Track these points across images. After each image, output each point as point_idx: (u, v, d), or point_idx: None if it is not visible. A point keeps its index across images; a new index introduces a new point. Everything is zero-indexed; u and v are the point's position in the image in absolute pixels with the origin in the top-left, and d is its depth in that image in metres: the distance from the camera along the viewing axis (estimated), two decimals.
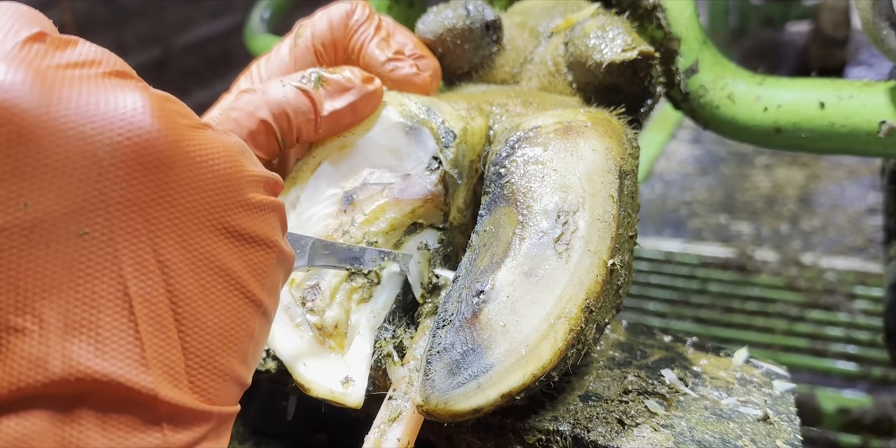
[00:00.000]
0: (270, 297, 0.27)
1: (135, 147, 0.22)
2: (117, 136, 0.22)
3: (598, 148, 0.40)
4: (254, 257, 0.26)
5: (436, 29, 0.48)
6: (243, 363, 0.26)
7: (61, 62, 0.23)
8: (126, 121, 0.22)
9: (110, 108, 0.22)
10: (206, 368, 0.24)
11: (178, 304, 0.24)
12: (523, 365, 0.34)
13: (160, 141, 0.23)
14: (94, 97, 0.22)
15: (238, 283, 0.25)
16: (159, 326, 0.23)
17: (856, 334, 1.14)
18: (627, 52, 0.44)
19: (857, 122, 0.46)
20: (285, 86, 0.38)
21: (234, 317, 0.25)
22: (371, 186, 0.41)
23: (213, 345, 0.24)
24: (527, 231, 0.37)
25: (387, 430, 0.34)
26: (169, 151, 0.23)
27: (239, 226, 0.25)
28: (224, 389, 0.25)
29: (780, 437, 0.37)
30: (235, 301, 0.25)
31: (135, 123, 0.22)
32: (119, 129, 0.22)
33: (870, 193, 1.60)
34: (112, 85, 0.23)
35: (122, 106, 0.22)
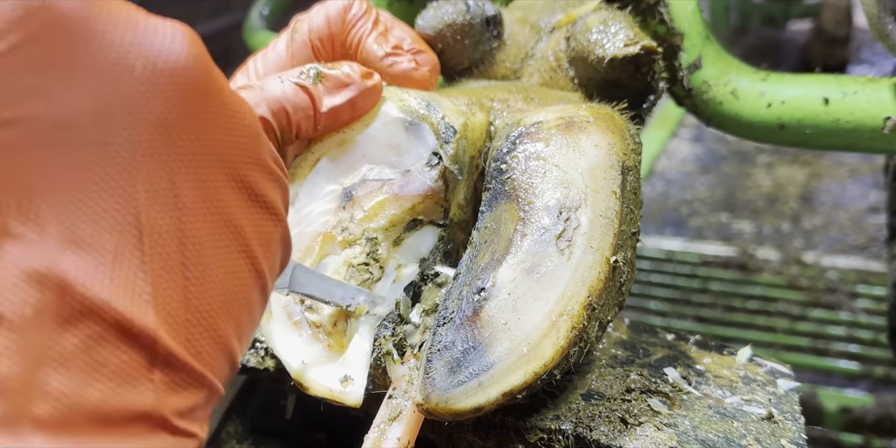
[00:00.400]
0: (271, 274, 0.26)
1: (174, 68, 0.21)
2: (157, 52, 0.21)
3: (601, 143, 0.39)
4: (263, 224, 0.25)
5: (435, 24, 0.47)
6: (238, 337, 0.24)
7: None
8: (168, 43, 0.22)
9: (151, 31, 0.22)
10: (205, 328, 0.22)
11: (187, 247, 0.22)
12: (525, 363, 0.33)
13: (198, 72, 0.22)
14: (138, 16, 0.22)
15: (246, 245, 0.24)
16: (166, 265, 0.22)
17: (858, 333, 1.14)
18: (630, 46, 0.43)
19: (861, 118, 0.46)
20: (283, 82, 0.37)
21: (237, 279, 0.24)
22: (370, 182, 0.41)
23: (214, 303, 0.23)
24: (528, 227, 0.37)
25: (387, 429, 0.34)
26: (205, 83, 0.22)
27: (255, 184, 0.24)
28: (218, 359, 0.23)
29: (785, 436, 0.36)
30: (241, 262, 0.24)
31: (175, 49, 0.22)
32: (160, 47, 0.21)
33: (871, 192, 1.59)
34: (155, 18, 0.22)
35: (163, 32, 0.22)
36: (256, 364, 0.41)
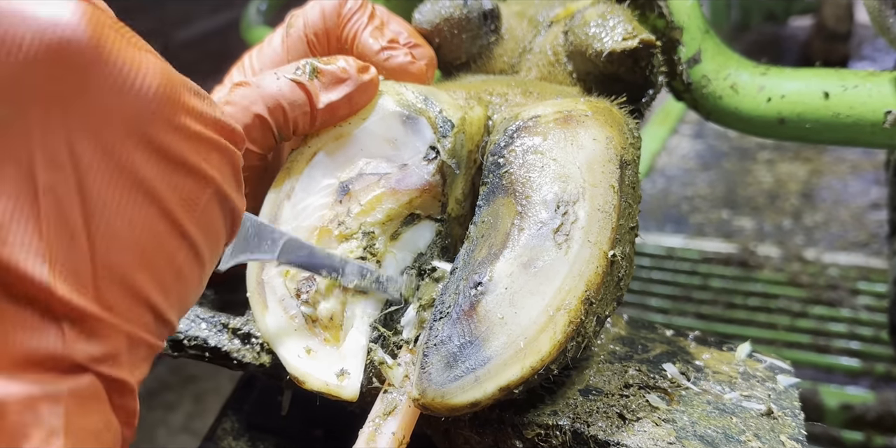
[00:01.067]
0: (204, 236, 0.26)
1: (57, 41, 0.22)
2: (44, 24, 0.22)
3: (599, 137, 0.39)
4: (182, 184, 0.25)
5: (433, 19, 0.47)
6: (162, 293, 0.25)
7: None
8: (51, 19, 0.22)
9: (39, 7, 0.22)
10: (115, 281, 0.24)
11: (90, 206, 0.23)
12: (522, 358, 0.33)
13: (84, 41, 0.22)
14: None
15: (160, 203, 0.25)
16: (65, 223, 0.23)
17: (859, 330, 1.14)
18: (628, 40, 0.43)
19: (862, 112, 0.45)
20: (280, 78, 0.37)
21: (151, 235, 0.24)
22: (367, 177, 0.41)
23: (124, 258, 0.24)
24: (526, 222, 0.37)
25: (381, 423, 0.34)
26: (92, 52, 0.23)
27: (166, 145, 0.24)
28: (135, 311, 0.24)
29: (784, 432, 0.36)
30: (154, 220, 0.24)
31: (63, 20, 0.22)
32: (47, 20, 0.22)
33: (873, 188, 1.59)
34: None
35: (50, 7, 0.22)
36: (252, 360, 0.41)
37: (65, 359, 0.22)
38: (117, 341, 0.24)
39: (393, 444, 0.33)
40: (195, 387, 1.40)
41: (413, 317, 0.40)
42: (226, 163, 0.27)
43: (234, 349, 0.42)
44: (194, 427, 1.30)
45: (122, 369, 0.24)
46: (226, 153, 0.27)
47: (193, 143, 0.25)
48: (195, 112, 0.25)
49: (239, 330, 0.42)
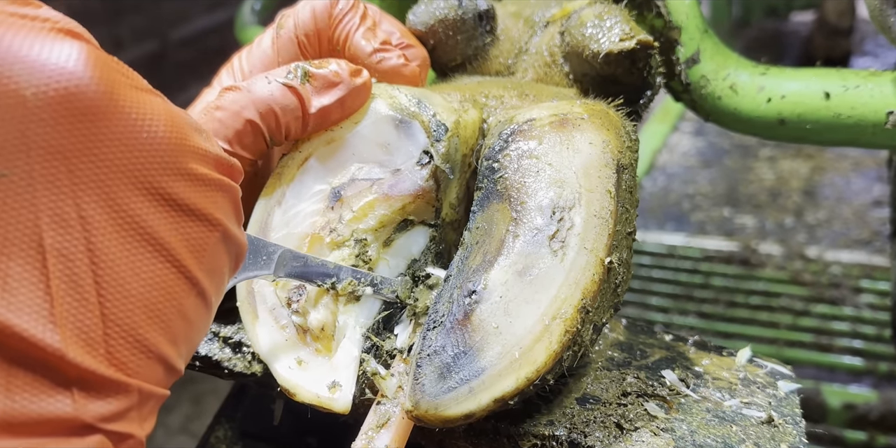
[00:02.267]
0: (210, 278, 0.26)
1: (64, 92, 0.22)
2: (47, 78, 0.21)
3: (595, 141, 0.38)
4: (191, 231, 0.25)
5: (427, 20, 0.46)
6: (172, 343, 0.25)
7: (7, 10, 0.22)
8: (58, 66, 0.22)
9: (44, 54, 0.22)
10: (127, 339, 0.23)
11: (99, 266, 0.23)
12: (517, 368, 0.33)
13: (92, 90, 0.22)
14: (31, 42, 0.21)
15: (170, 255, 0.24)
16: (75, 285, 0.22)
17: (862, 329, 1.13)
18: (625, 41, 0.42)
19: (863, 112, 0.45)
20: (271, 83, 0.36)
21: (162, 289, 0.24)
22: (359, 182, 0.40)
23: (136, 315, 0.23)
24: (521, 228, 0.36)
25: (374, 436, 0.33)
26: (100, 102, 0.22)
27: (175, 194, 0.24)
28: (146, 366, 0.24)
29: (785, 440, 0.35)
30: (165, 272, 0.24)
31: (67, 70, 0.22)
32: (50, 73, 0.21)
33: (875, 186, 1.58)
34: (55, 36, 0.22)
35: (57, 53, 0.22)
36: (243, 369, 0.41)
37: (75, 420, 0.22)
38: (129, 399, 0.23)
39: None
40: (193, 388, 1.40)
41: (407, 325, 0.39)
42: (229, 201, 0.26)
43: (224, 358, 0.41)
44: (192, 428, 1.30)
45: (132, 424, 0.24)
46: (229, 191, 0.26)
47: (200, 188, 0.25)
48: (200, 154, 0.25)
49: (230, 339, 0.41)
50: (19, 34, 0.21)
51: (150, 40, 1.99)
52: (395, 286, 0.39)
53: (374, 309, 0.39)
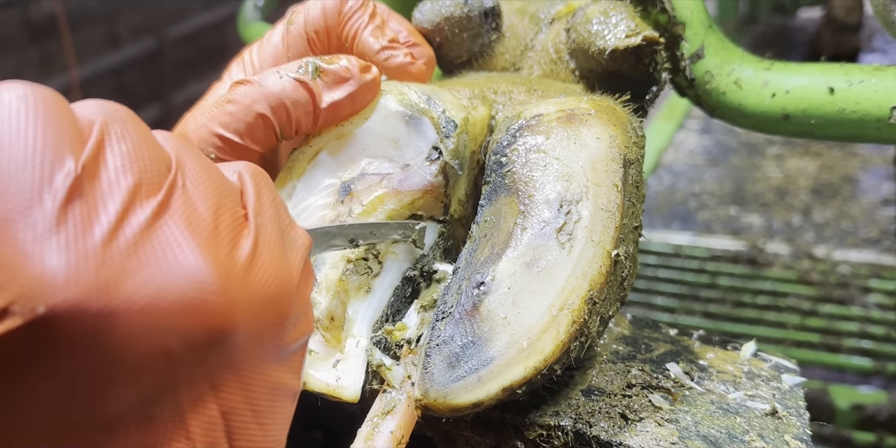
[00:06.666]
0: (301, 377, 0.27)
1: (206, 331, 0.22)
2: (188, 324, 0.21)
3: (602, 136, 0.39)
4: (297, 359, 0.26)
5: (433, 18, 0.47)
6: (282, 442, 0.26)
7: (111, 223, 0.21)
8: (194, 305, 0.21)
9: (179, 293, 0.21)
10: None
11: (236, 438, 0.24)
12: (525, 358, 0.33)
13: (226, 313, 0.22)
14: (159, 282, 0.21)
15: (285, 390, 0.25)
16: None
17: (870, 329, 1.12)
18: (631, 37, 0.43)
19: (867, 107, 0.45)
20: (282, 77, 0.37)
21: (282, 422, 0.26)
22: (369, 176, 0.41)
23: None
24: (528, 221, 0.37)
25: (380, 423, 0.34)
26: (233, 319, 0.22)
27: (288, 343, 0.25)
28: None
29: (789, 431, 0.36)
30: (283, 405, 0.26)
31: (203, 306, 0.21)
32: (188, 317, 0.21)
33: (884, 184, 1.57)
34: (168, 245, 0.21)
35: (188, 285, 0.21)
36: None
37: None
38: None
39: (391, 443, 0.33)
40: None
41: (415, 317, 0.40)
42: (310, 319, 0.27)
43: None
44: None
45: None
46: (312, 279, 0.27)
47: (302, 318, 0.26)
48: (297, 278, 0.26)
49: None
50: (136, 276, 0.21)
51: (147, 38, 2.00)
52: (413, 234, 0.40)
53: (384, 300, 0.40)
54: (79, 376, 0.20)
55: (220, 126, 0.37)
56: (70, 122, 0.22)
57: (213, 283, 0.22)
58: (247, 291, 0.23)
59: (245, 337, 0.23)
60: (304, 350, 0.27)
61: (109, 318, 0.20)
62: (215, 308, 0.22)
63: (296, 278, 0.25)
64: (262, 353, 0.24)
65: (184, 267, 0.21)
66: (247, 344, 0.23)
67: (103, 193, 0.21)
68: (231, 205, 0.24)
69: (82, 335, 0.20)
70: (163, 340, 0.21)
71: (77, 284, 0.19)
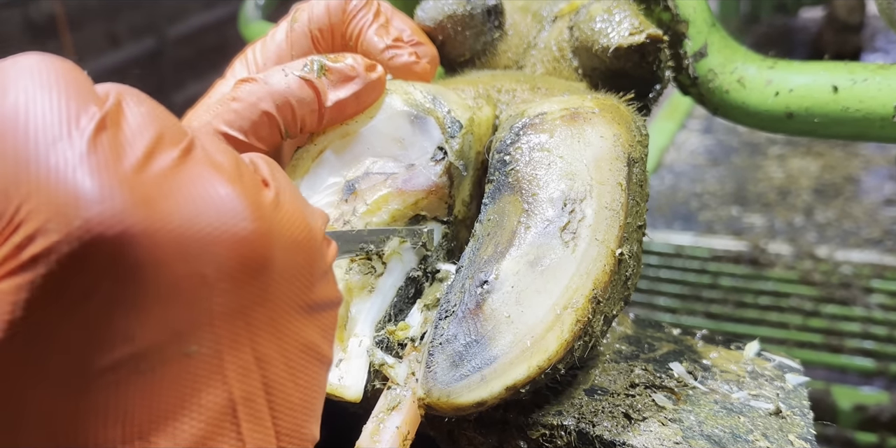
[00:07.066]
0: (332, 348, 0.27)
1: (240, 258, 0.22)
2: (223, 249, 0.21)
3: (606, 135, 0.39)
4: (326, 320, 0.26)
5: (436, 16, 0.47)
6: (316, 420, 0.26)
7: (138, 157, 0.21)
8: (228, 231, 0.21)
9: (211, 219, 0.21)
10: (294, 442, 0.24)
11: (272, 393, 0.24)
12: (529, 357, 0.33)
13: (260, 243, 0.22)
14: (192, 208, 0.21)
15: (317, 353, 0.25)
16: (258, 421, 0.23)
17: (873, 329, 1.12)
18: (635, 35, 0.42)
19: (871, 106, 0.45)
20: (288, 75, 0.37)
21: (315, 385, 0.25)
22: (374, 176, 0.41)
23: (299, 419, 0.25)
24: (532, 219, 0.37)
25: (385, 419, 0.34)
26: (268, 251, 0.22)
27: (317, 297, 0.25)
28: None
29: (793, 431, 0.36)
30: (316, 370, 0.25)
31: (237, 233, 0.22)
32: (223, 243, 0.21)
33: (886, 184, 1.57)
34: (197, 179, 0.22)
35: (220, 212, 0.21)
36: None
37: None
38: None
39: (397, 439, 0.33)
40: None
41: (418, 315, 0.39)
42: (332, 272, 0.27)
43: None
44: None
45: None
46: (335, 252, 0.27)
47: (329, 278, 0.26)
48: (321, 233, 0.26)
49: None
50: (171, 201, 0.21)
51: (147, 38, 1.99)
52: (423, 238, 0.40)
53: (387, 300, 0.40)
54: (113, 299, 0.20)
55: (225, 124, 0.36)
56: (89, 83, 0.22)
57: (245, 213, 0.22)
58: (277, 227, 0.23)
59: (277, 273, 0.23)
60: (333, 318, 0.26)
61: (143, 236, 0.20)
62: (249, 237, 0.22)
63: (319, 236, 0.25)
64: (292, 297, 0.24)
65: (214, 197, 0.22)
66: (278, 281, 0.23)
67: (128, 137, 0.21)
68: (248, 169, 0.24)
69: (117, 253, 0.19)
70: (197, 265, 0.21)
71: (112, 200, 0.19)
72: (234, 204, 0.22)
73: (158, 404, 0.21)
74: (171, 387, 0.21)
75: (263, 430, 0.23)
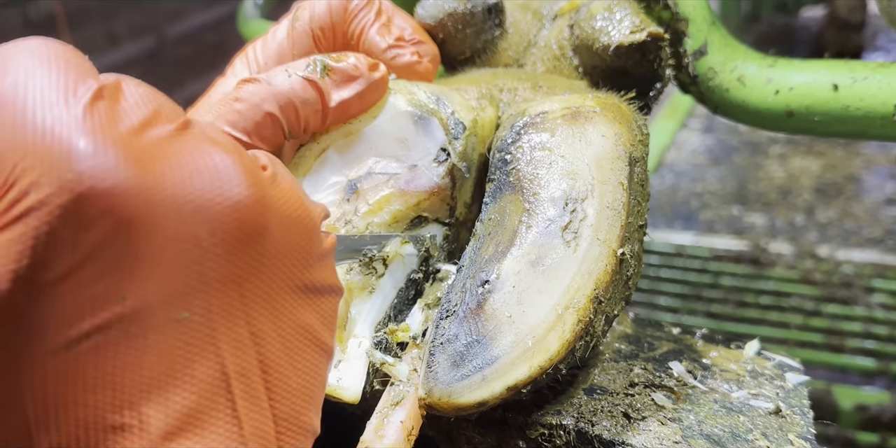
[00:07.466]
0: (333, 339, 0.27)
1: (235, 223, 0.22)
2: (217, 213, 0.21)
3: (608, 134, 0.39)
4: (325, 306, 0.25)
5: (436, 14, 0.47)
6: (316, 410, 0.26)
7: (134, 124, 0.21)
8: (223, 195, 0.21)
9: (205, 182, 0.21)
10: (293, 430, 0.24)
11: (268, 373, 0.23)
12: (530, 357, 0.33)
13: (257, 210, 0.22)
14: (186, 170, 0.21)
15: (315, 338, 0.25)
16: (253, 399, 0.23)
17: (874, 329, 1.12)
18: (636, 33, 0.42)
19: (872, 104, 0.45)
20: (291, 76, 0.37)
21: (314, 372, 0.25)
22: (376, 176, 0.40)
23: (297, 405, 0.24)
24: (533, 219, 0.37)
25: (389, 413, 0.33)
26: (264, 220, 0.22)
27: (315, 279, 0.25)
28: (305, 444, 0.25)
29: (793, 430, 0.36)
30: (315, 356, 0.25)
31: (232, 196, 0.21)
32: (217, 206, 0.21)
33: (888, 183, 1.56)
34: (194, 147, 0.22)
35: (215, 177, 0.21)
36: None
37: None
38: None
39: (402, 434, 0.33)
40: None
41: (419, 315, 0.39)
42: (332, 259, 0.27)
43: None
44: None
45: None
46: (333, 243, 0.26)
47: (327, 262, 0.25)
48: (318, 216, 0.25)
49: None
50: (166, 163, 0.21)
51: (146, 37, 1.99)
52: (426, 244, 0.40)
53: (387, 301, 0.40)
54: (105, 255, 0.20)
55: (228, 124, 0.36)
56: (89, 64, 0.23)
57: (242, 179, 0.22)
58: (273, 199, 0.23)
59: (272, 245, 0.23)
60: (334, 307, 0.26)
61: (136, 193, 0.20)
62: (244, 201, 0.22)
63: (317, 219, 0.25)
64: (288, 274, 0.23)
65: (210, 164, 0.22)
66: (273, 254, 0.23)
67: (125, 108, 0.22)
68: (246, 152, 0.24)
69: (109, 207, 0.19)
70: (190, 226, 0.21)
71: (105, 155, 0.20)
72: (230, 170, 0.22)
73: (149, 372, 0.21)
74: (162, 354, 0.21)
75: (260, 410, 0.23)
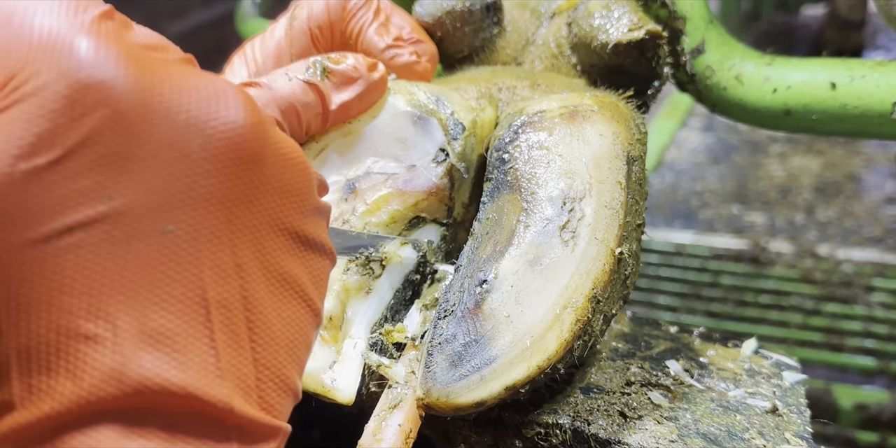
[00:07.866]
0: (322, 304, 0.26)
1: (227, 141, 0.21)
2: (210, 128, 0.21)
3: (605, 133, 0.39)
4: (315, 264, 0.25)
5: (434, 12, 0.47)
6: (299, 373, 0.25)
7: (140, 42, 0.21)
8: (220, 113, 0.21)
9: (203, 98, 0.21)
10: (275, 382, 0.23)
11: (252, 312, 0.23)
12: (528, 356, 0.33)
13: (252, 136, 0.22)
14: (187, 84, 0.21)
15: (302, 292, 0.24)
16: (234, 335, 0.22)
17: (874, 328, 1.12)
18: (634, 31, 0.42)
19: (869, 102, 0.44)
20: (292, 80, 0.36)
21: (298, 327, 0.24)
22: (375, 175, 0.40)
23: (280, 357, 0.24)
24: (531, 218, 0.37)
25: (387, 416, 0.33)
26: (259, 148, 0.22)
27: (306, 231, 0.24)
28: (287, 404, 0.24)
29: (790, 429, 0.36)
30: (300, 311, 0.24)
31: (229, 116, 0.21)
32: (213, 121, 0.21)
33: (888, 182, 1.56)
34: (197, 73, 0.22)
35: (213, 97, 0.21)
36: None
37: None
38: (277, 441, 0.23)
39: (400, 437, 0.33)
40: None
41: (416, 316, 0.39)
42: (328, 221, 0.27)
43: None
44: None
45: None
46: (329, 212, 0.26)
47: (321, 217, 0.25)
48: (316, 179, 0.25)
49: None
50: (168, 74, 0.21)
51: None
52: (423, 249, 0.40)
53: (383, 302, 0.40)
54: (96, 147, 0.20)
55: None
56: None
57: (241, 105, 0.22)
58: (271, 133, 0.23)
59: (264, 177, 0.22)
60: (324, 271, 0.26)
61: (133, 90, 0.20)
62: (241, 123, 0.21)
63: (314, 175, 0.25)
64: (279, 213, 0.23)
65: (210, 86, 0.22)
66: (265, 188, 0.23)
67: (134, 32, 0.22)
68: None
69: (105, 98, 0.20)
70: (183, 135, 0.21)
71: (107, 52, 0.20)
72: (230, 95, 0.22)
73: (129, 283, 0.20)
74: (143, 266, 0.20)
75: (239, 349, 0.22)
